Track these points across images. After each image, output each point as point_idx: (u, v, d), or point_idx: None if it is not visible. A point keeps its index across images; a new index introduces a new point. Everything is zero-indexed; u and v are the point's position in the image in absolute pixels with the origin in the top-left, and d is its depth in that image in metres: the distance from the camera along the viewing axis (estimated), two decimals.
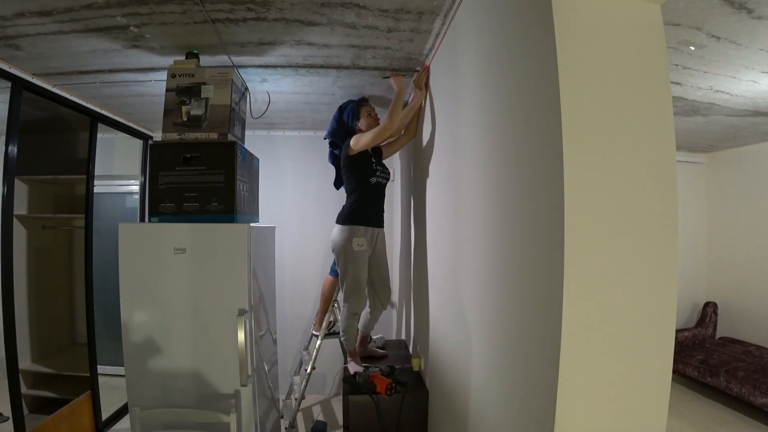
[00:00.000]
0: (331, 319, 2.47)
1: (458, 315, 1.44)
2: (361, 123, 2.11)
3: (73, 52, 1.74)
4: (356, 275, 2.00)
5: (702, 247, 3.81)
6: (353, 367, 2.04)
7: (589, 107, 0.75)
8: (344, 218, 2.01)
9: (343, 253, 1.99)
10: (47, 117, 2.47)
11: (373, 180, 2.05)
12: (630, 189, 0.77)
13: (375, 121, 2.14)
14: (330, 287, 2.44)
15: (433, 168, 1.89)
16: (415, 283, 2.35)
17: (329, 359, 3.17)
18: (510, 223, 0.97)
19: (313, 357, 2.38)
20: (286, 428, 2.41)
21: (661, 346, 0.78)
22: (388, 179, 2.17)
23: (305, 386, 2.41)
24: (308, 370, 2.36)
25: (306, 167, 3.20)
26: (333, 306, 2.47)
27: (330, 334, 2.50)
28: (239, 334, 1.60)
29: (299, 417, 2.92)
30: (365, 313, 2.20)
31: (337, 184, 2.26)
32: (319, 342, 2.41)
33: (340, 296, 2.17)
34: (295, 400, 2.49)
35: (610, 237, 0.75)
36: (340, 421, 1.83)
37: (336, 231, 2.02)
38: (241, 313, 1.62)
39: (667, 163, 0.79)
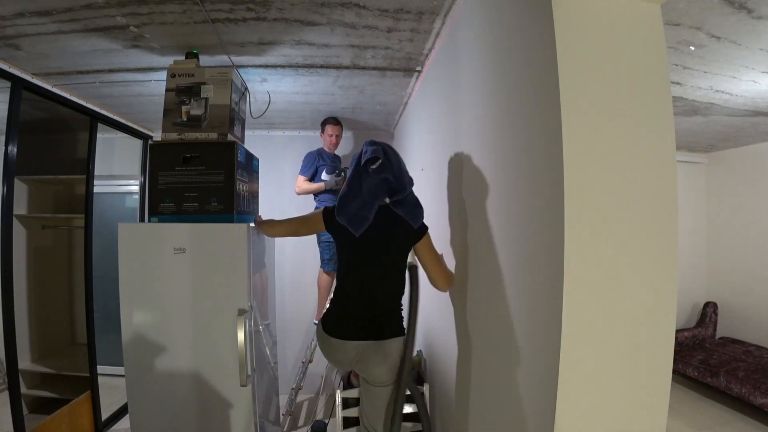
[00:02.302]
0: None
1: (458, 315, 1.44)
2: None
3: (72, 52, 1.74)
4: None
5: (702, 247, 3.81)
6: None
7: (589, 107, 0.75)
8: None
9: None
10: (47, 117, 2.47)
11: None
12: (630, 189, 0.77)
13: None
14: (326, 280, 2.68)
15: (432, 166, 1.88)
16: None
17: None
18: (510, 222, 0.97)
19: (312, 348, 2.58)
20: (283, 414, 2.51)
21: (661, 346, 0.78)
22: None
23: (302, 377, 2.59)
24: (304, 362, 2.56)
25: None
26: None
27: None
28: (239, 334, 1.60)
29: (302, 413, 2.94)
30: None
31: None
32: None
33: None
34: (292, 389, 2.62)
35: (610, 237, 0.75)
36: (341, 419, 1.83)
37: None
38: (241, 313, 1.62)
39: (667, 163, 0.79)
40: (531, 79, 0.86)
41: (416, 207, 1.43)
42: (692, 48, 1.58)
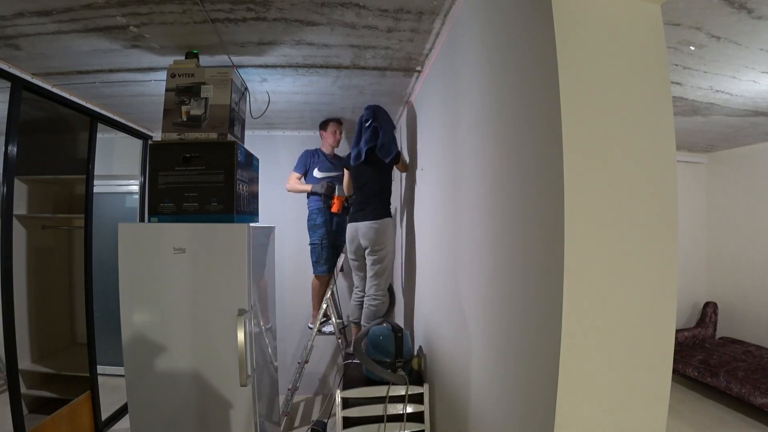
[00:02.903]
0: (329, 313, 2.70)
1: (458, 314, 1.44)
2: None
3: (72, 52, 1.74)
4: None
5: (702, 247, 3.81)
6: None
7: (589, 107, 0.75)
8: (389, 211, 2.31)
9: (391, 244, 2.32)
10: (47, 117, 2.47)
11: None
12: (630, 189, 0.77)
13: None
14: (316, 285, 2.76)
15: (432, 167, 1.88)
16: (414, 282, 2.35)
17: (329, 358, 3.18)
18: (510, 222, 0.97)
19: (308, 349, 2.62)
20: (279, 415, 2.52)
21: (661, 346, 0.78)
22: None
23: (298, 377, 2.63)
24: (300, 362, 2.60)
25: None
26: (327, 301, 2.69)
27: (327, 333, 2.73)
28: (239, 334, 1.60)
29: (299, 413, 2.94)
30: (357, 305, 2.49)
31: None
32: (313, 334, 2.67)
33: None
34: (289, 390, 2.65)
35: (610, 237, 0.75)
36: (340, 419, 1.83)
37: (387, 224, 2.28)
38: (241, 313, 1.62)
39: (667, 163, 0.79)
40: (531, 78, 0.86)
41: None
42: (692, 48, 1.58)
